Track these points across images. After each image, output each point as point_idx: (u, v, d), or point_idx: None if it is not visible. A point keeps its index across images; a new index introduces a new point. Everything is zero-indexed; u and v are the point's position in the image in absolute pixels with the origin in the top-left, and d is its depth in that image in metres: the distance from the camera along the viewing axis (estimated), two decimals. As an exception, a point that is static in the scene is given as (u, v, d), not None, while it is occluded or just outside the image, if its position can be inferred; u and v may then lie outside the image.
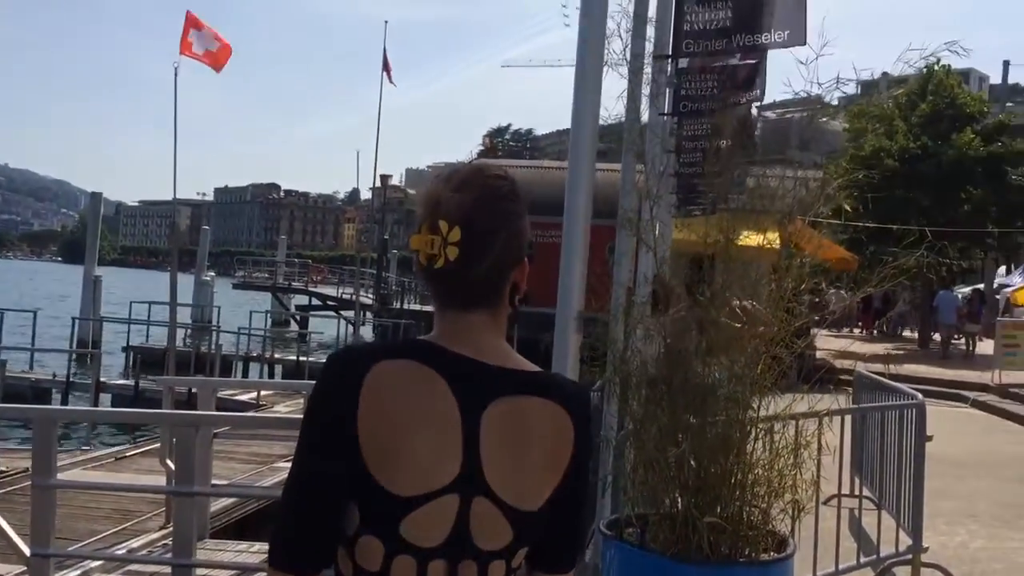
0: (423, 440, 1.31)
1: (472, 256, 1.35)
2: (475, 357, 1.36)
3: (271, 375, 24.01)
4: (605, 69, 3.65)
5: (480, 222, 1.36)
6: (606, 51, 3.67)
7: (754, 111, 8.16)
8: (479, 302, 1.40)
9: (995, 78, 59.44)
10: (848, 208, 5.19)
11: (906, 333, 30.33)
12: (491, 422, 1.33)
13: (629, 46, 3.86)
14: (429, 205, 1.37)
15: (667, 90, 8.46)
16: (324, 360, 1.43)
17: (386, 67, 38.00)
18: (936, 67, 28.95)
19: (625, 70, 3.91)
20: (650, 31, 5.60)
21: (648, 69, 6.43)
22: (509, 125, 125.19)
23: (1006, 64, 41.44)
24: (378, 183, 44.37)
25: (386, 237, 45.95)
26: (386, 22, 39.11)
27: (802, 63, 4.49)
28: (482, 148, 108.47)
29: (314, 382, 1.43)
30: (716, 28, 6.43)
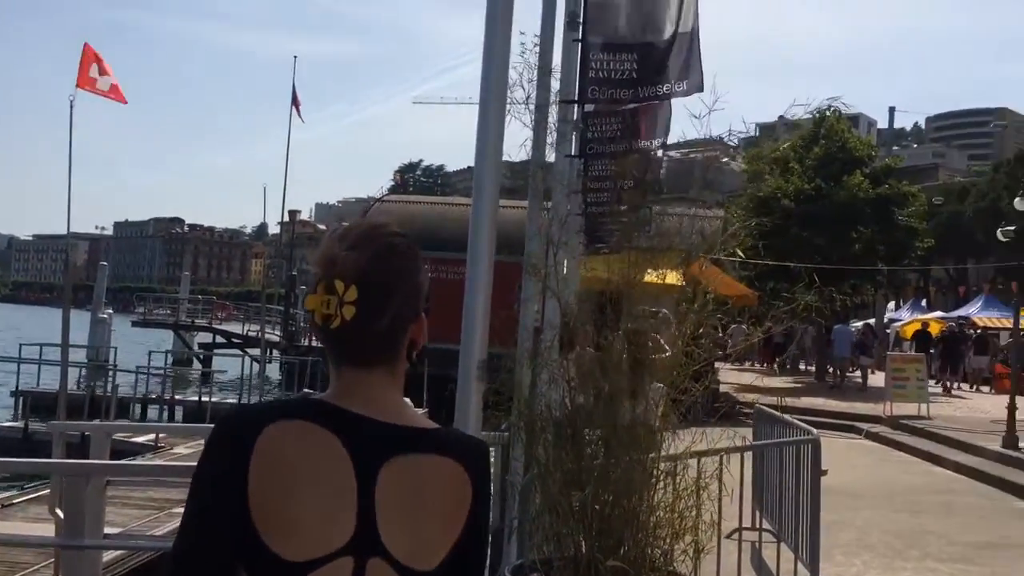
0: (316, 503, 1.29)
1: (369, 314, 1.35)
2: (371, 415, 1.36)
3: (171, 417, 23.14)
4: (508, 117, 3.72)
5: (376, 280, 1.36)
6: (509, 99, 3.73)
7: (660, 152, 8.41)
8: (376, 359, 1.40)
9: (883, 123, 62.93)
10: (742, 251, 5.39)
11: (805, 367, 31.41)
12: (386, 481, 1.33)
13: (532, 95, 3.92)
14: (324, 265, 1.37)
15: (574, 133, 8.66)
16: (228, 402, 1.40)
17: (295, 102, 37.70)
18: (828, 113, 30.51)
19: (529, 118, 3.98)
20: (555, 81, 5.75)
21: (553, 113, 6.57)
22: (420, 161, 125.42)
23: (891, 110, 43.90)
24: (286, 218, 43.73)
25: (294, 273, 45.14)
26: (295, 57, 38.92)
27: (703, 108, 4.67)
28: (393, 183, 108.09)
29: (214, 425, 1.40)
30: (621, 77, 6.65)
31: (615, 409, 3.35)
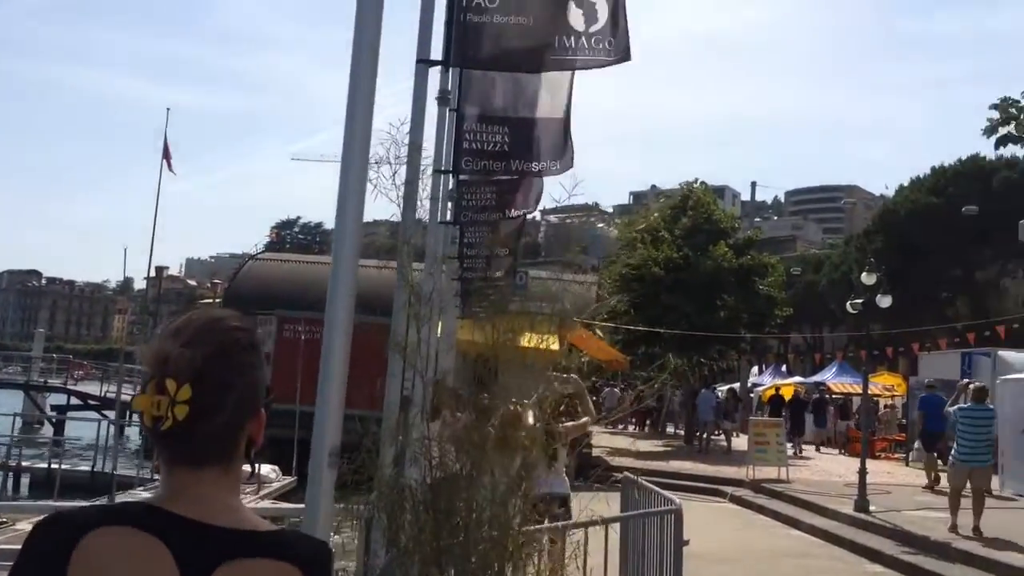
0: (137, 617, 1.22)
1: (203, 413, 1.30)
2: (203, 519, 1.30)
3: (16, 486, 21.51)
4: (375, 194, 3.73)
5: (212, 377, 1.32)
6: (376, 170, 3.75)
7: (538, 215, 8.57)
8: (210, 459, 1.35)
9: (747, 195, 66.69)
10: (616, 317, 5.53)
11: (675, 430, 32.24)
12: (217, 589, 1.27)
13: (399, 171, 3.95)
14: (156, 364, 1.32)
15: (448, 201, 8.74)
16: (81, 470, 1.31)
17: (167, 154, 36.55)
18: (696, 185, 32.05)
19: (396, 193, 4.00)
20: (427, 151, 5.82)
21: (427, 183, 6.61)
22: (299, 218, 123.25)
23: (753, 184, 46.51)
24: (153, 273, 42.01)
25: (159, 330, 43.17)
26: (168, 109, 37.76)
27: (580, 177, 4.83)
28: (269, 240, 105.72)
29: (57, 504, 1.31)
30: (494, 150, 6.79)
31: (478, 485, 3.33)
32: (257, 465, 15.21)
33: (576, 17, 3.97)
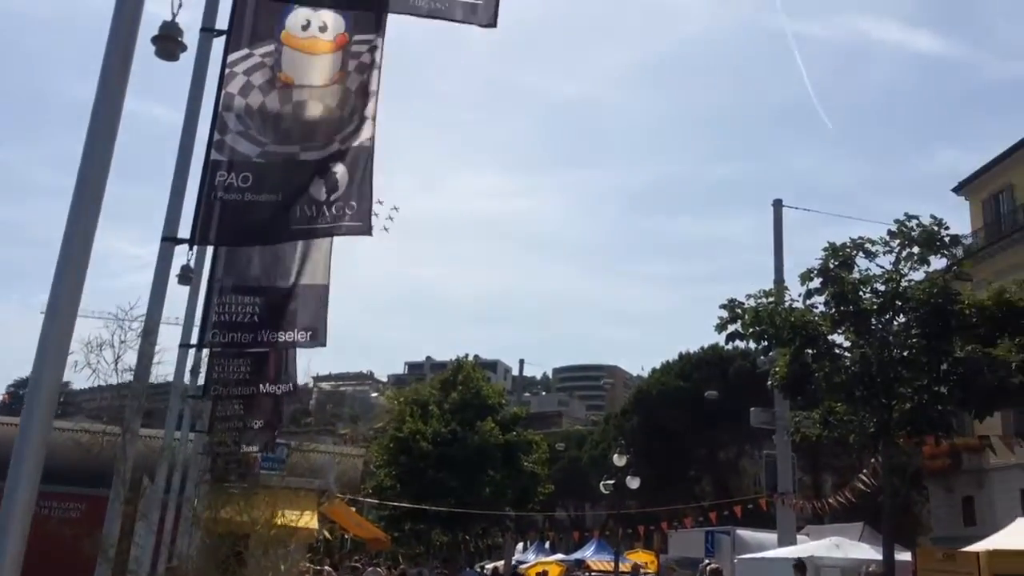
0: None
1: None
2: None
3: None
4: (93, 378, 3.52)
5: None
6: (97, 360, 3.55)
7: (310, 382, 8.37)
8: None
9: (517, 370, 69.11)
10: (382, 492, 5.39)
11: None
12: None
13: (124, 354, 3.76)
14: None
15: (198, 374, 8.36)
16: None
17: None
18: (469, 359, 32.84)
19: (115, 379, 3.79)
20: (178, 320, 5.63)
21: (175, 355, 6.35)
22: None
23: (521, 362, 48.33)
24: None
25: None
26: None
27: (358, 344, 4.78)
28: (1, 402, 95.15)
29: None
30: (245, 322, 6.66)
31: None
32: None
33: (318, 188, 4.12)
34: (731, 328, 15.58)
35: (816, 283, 15.14)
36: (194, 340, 6.47)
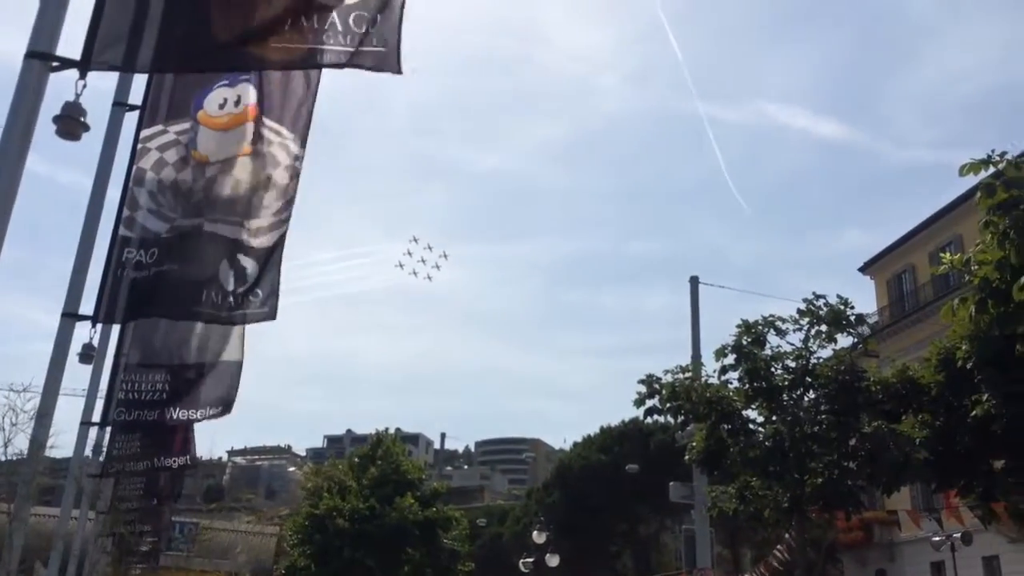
0: None
1: None
2: None
3: None
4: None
5: None
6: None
7: (224, 456, 8.10)
8: None
9: (439, 444, 68.31)
10: (295, 573, 5.20)
11: None
12: None
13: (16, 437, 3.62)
14: None
15: (100, 452, 8.04)
16: None
17: None
18: (389, 432, 32.23)
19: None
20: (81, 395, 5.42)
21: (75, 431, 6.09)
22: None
23: (443, 436, 47.87)
24: None
25: None
26: None
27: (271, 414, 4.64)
28: None
29: None
30: (150, 399, 6.45)
31: None
32: None
33: (227, 276, 4.09)
34: (649, 403, 15.78)
35: (730, 359, 15.50)
36: (96, 418, 6.23)
